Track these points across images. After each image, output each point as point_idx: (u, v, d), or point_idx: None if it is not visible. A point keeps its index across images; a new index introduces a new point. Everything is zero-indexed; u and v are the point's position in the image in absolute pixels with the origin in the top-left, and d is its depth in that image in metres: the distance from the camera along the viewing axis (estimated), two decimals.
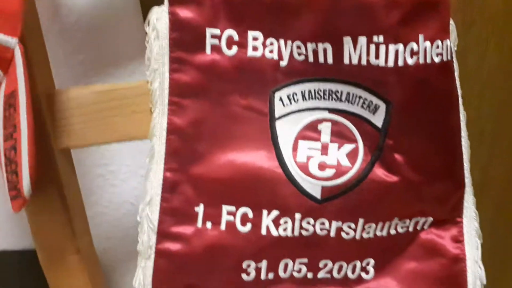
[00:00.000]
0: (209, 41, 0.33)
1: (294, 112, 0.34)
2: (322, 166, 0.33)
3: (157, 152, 0.34)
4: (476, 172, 0.72)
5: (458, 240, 0.35)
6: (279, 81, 0.34)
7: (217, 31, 0.33)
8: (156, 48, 0.34)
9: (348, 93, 0.33)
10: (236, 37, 0.33)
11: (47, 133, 0.35)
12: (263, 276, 0.35)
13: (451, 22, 0.34)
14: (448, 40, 0.32)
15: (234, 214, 0.34)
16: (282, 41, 0.33)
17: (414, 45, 0.31)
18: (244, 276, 0.34)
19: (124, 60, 0.45)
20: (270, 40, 0.33)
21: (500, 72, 0.64)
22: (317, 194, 0.33)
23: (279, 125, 0.34)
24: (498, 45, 0.62)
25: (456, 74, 0.35)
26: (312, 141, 0.34)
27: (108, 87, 0.36)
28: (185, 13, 0.33)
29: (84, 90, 0.36)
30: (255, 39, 0.33)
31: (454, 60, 0.34)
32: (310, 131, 0.34)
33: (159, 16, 0.33)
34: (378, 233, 0.35)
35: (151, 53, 0.34)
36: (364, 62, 0.31)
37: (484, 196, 0.74)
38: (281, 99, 0.34)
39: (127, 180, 0.50)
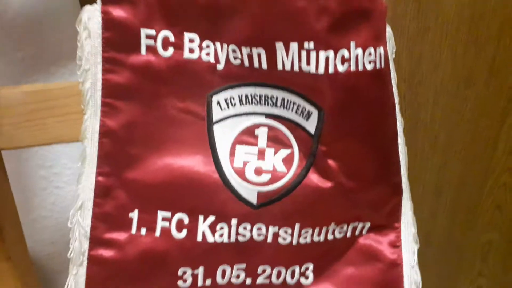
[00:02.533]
0: (144, 42, 0.32)
1: (231, 117, 0.33)
2: (258, 171, 0.33)
3: (88, 155, 0.33)
4: (433, 176, 0.74)
5: (396, 245, 0.36)
6: (216, 85, 0.33)
7: (152, 32, 0.32)
8: (87, 47, 0.33)
9: (283, 99, 0.33)
10: (172, 38, 0.32)
11: None
12: (200, 283, 0.34)
13: (388, 29, 0.34)
14: (381, 48, 0.32)
15: (169, 220, 0.33)
16: (218, 44, 0.32)
17: (345, 52, 0.31)
18: (180, 283, 0.34)
19: (64, 59, 0.44)
20: (206, 42, 0.32)
21: (453, 79, 0.66)
22: (253, 199, 0.33)
23: (217, 129, 0.33)
24: (451, 51, 0.64)
25: (393, 81, 0.35)
26: (249, 146, 0.33)
27: (39, 87, 0.34)
28: (118, 12, 0.32)
29: (14, 90, 0.34)
30: (191, 41, 0.32)
31: (391, 66, 0.35)
32: (247, 135, 0.33)
33: (91, 15, 0.32)
34: (316, 238, 0.34)
35: (82, 53, 0.33)
36: (296, 68, 0.31)
37: (440, 198, 0.76)
38: (218, 103, 0.33)
39: (71, 183, 0.49)
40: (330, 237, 0.35)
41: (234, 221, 0.33)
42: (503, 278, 0.84)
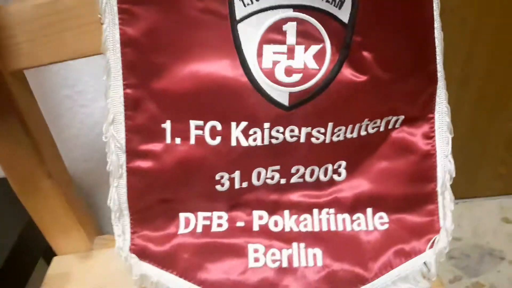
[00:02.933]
0: None
1: (256, 13, 0.31)
2: (288, 71, 0.32)
3: (113, 68, 0.32)
4: (459, 65, 0.71)
5: (429, 136, 0.35)
6: None
7: None
8: None
9: None
10: None
11: None
12: (237, 186, 0.35)
13: None
14: None
15: (202, 128, 0.33)
16: None
17: None
18: (218, 187, 0.35)
19: None
20: None
21: None
22: (284, 101, 0.32)
23: (241, 28, 0.31)
24: None
25: None
26: (277, 45, 0.31)
27: (51, 0, 0.32)
28: None
29: (24, 4, 0.32)
30: None
31: None
32: (275, 33, 0.31)
33: None
34: (349, 135, 0.34)
35: None
36: None
37: (467, 87, 0.74)
38: None
39: (96, 100, 0.49)
40: (363, 133, 0.35)
41: (266, 125, 0.33)
42: None
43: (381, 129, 0.35)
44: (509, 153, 0.83)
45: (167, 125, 0.33)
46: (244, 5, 0.31)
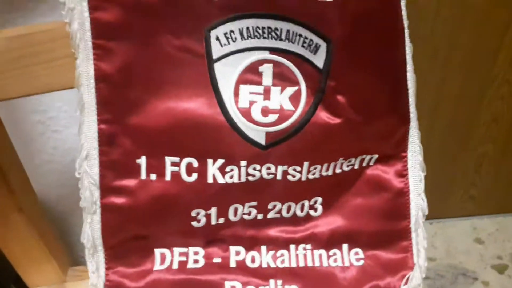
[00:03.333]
0: None
1: (233, 53, 0.31)
2: (265, 112, 0.32)
3: (87, 103, 0.31)
4: (431, 91, 0.73)
5: (403, 174, 0.36)
6: (213, 17, 0.30)
7: None
8: None
9: (288, 31, 0.30)
10: None
11: None
12: (213, 222, 0.35)
13: None
14: None
15: (178, 165, 0.33)
16: None
17: None
18: (194, 223, 0.34)
19: None
20: None
21: None
22: (261, 140, 0.32)
23: (218, 67, 0.31)
24: None
25: (403, 3, 0.32)
26: (253, 85, 0.32)
27: (22, 31, 0.31)
28: None
29: None
30: None
31: None
32: (251, 73, 0.32)
33: None
34: (324, 173, 0.35)
35: None
36: None
37: (438, 113, 0.76)
38: (218, 38, 0.31)
39: (69, 126, 0.48)
40: (338, 170, 0.35)
41: (243, 163, 0.33)
42: (494, 188, 0.88)
43: (356, 166, 0.36)
44: (479, 176, 0.86)
45: (142, 160, 0.33)
46: (221, 45, 0.31)
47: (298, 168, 0.34)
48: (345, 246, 0.37)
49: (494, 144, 0.81)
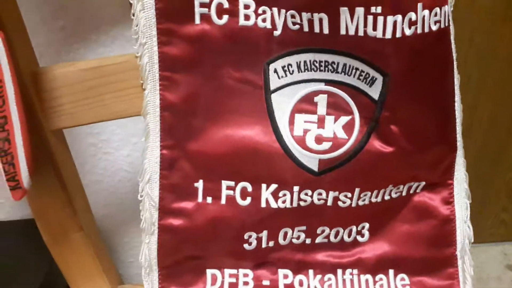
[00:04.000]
0: (198, 10, 0.31)
1: (289, 85, 0.33)
2: (319, 139, 0.33)
3: (152, 130, 0.34)
4: (464, 115, 0.74)
5: (449, 201, 0.37)
6: (273, 52, 0.32)
7: (205, 0, 0.31)
8: (142, 20, 0.32)
9: (345, 65, 0.32)
10: (226, 5, 0.31)
11: (37, 116, 0.34)
12: (264, 245, 0.36)
13: None
14: (446, 6, 0.31)
15: (233, 189, 0.34)
16: (275, 10, 0.31)
17: (412, 15, 0.30)
18: (245, 246, 0.36)
19: (105, 25, 0.43)
20: (262, 8, 0.31)
21: (490, 15, 0.63)
22: (314, 167, 0.34)
23: (275, 98, 0.33)
24: None
25: (452, 37, 0.34)
26: (308, 114, 0.33)
27: (95, 63, 0.34)
28: None
29: (70, 67, 0.34)
30: (246, 7, 0.31)
31: (451, 22, 0.33)
32: (306, 103, 0.33)
33: None
34: (373, 200, 0.36)
35: (138, 26, 0.32)
36: (361, 33, 0.30)
37: (470, 137, 0.76)
38: (276, 71, 0.33)
39: (119, 148, 0.50)
40: (387, 197, 0.36)
41: (296, 188, 0.34)
42: None
43: (403, 194, 0.36)
44: (511, 201, 0.85)
45: (200, 184, 0.34)
46: (279, 77, 0.33)
47: (349, 195, 0.35)
48: (391, 272, 0.38)
49: None
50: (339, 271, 0.38)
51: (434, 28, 0.30)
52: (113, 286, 0.43)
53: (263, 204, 0.34)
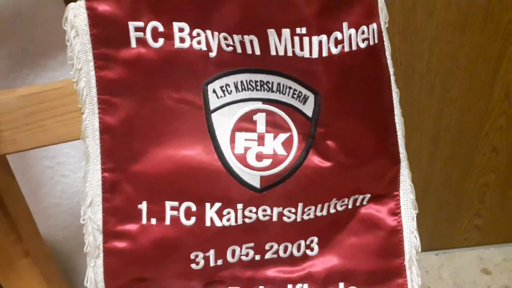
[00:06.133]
0: (133, 34, 0.32)
1: (228, 104, 0.34)
2: (259, 157, 0.34)
3: (92, 153, 0.34)
4: (430, 124, 0.75)
5: (395, 212, 0.37)
6: (210, 73, 0.33)
7: (140, 24, 0.31)
8: (77, 46, 0.32)
9: (279, 84, 0.33)
10: (161, 28, 0.32)
11: None
12: (212, 263, 0.36)
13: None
14: (374, 24, 0.31)
15: (178, 209, 0.34)
16: (209, 32, 0.32)
17: (338, 35, 0.30)
18: (193, 265, 0.36)
19: (53, 50, 0.43)
20: (196, 31, 0.32)
21: (448, 26, 0.65)
22: (256, 184, 0.34)
23: (215, 117, 0.34)
24: None
25: (388, 52, 0.35)
26: (248, 132, 0.34)
27: (34, 90, 0.34)
28: (103, 7, 0.31)
29: (9, 95, 0.34)
30: (181, 30, 0.32)
31: (385, 37, 0.34)
32: (246, 122, 0.34)
33: (77, 13, 0.32)
34: (319, 214, 0.36)
35: (73, 52, 0.32)
36: (290, 53, 0.31)
37: (438, 145, 0.77)
38: (214, 91, 0.33)
39: (76, 170, 0.50)
40: (332, 210, 0.36)
41: (239, 206, 0.34)
42: (500, 218, 0.88)
43: (349, 206, 0.37)
44: (483, 205, 0.86)
45: (143, 205, 0.34)
46: (218, 97, 0.33)
47: (293, 210, 0.35)
48: (341, 285, 0.38)
49: (496, 173, 0.82)
50: (290, 286, 0.38)
51: (362, 45, 0.31)
52: None
53: (208, 223, 0.35)
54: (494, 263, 0.89)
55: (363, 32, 0.31)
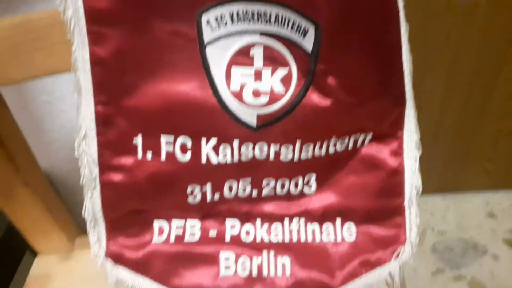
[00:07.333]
0: None
1: (224, 37, 0.32)
2: (256, 93, 0.32)
3: (83, 86, 0.33)
4: (445, 67, 0.71)
5: (398, 153, 0.36)
6: (204, 2, 0.31)
7: None
8: None
9: (277, 15, 0.30)
10: None
11: None
12: (209, 198, 0.36)
13: None
14: None
15: (173, 144, 0.34)
16: None
17: None
18: (190, 199, 0.36)
19: None
20: None
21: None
22: (252, 122, 0.33)
23: (210, 51, 0.32)
24: None
25: None
26: (245, 67, 0.32)
27: (19, 20, 0.32)
28: None
29: None
30: None
31: None
32: (242, 56, 0.32)
33: None
34: (317, 153, 0.35)
35: None
36: None
37: (452, 89, 0.75)
38: (208, 22, 0.31)
39: (74, 105, 0.49)
40: (331, 150, 0.35)
41: (236, 143, 0.34)
42: (510, 163, 0.86)
43: (350, 146, 0.36)
44: (494, 151, 0.84)
45: (138, 139, 0.34)
46: (212, 29, 0.31)
47: (290, 147, 0.34)
48: (338, 220, 0.38)
49: (511, 120, 0.80)
50: (286, 220, 0.38)
51: None
52: (71, 238, 0.44)
53: (204, 160, 0.34)
54: (501, 207, 0.89)
55: None
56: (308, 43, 0.31)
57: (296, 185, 0.37)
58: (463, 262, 0.83)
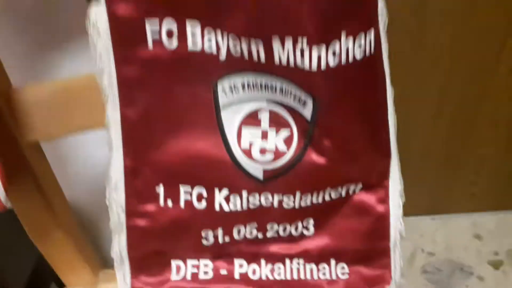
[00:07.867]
0: (150, 35, 0.34)
1: (236, 102, 0.37)
2: (263, 151, 0.38)
3: (114, 142, 0.37)
4: (434, 95, 0.76)
5: (384, 200, 0.41)
6: (220, 72, 0.36)
7: (155, 24, 0.33)
8: (99, 46, 0.35)
9: (281, 87, 0.36)
10: (175, 30, 0.33)
11: (11, 133, 0.37)
12: (220, 241, 0.41)
13: (380, 3, 0.35)
14: (372, 31, 0.34)
15: (190, 193, 0.39)
16: (219, 32, 0.34)
17: (336, 47, 0.33)
18: (204, 242, 0.41)
19: (75, 33, 0.45)
20: (207, 30, 0.33)
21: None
22: (259, 175, 0.38)
23: (224, 114, 0.37)
24: None
25: (385, 51, 0.37)
26: (253, 127, 0.37)
27: (61, 84, 0.37)
28: (123, 8, 0.33)
29: (40, 88, 0.38)
30: (193, 34, 0.34)
31: (383, 39, 0.36)
32: (252, 118, 0.37)
33: (98, 14, 0.33)
34: (315, 201, 0.40)
35: (95, 51, 0.35)
36: (292, 64, 0.34)
37: (440, 116, 0.79)
38: (223, 89, 0.36)
39: (98, 146, 0.54)
40: (327, 198, 0.41)
41: (244, 194, 0.39)
42: (495, 186, 0.91)
43: (343, 194, 0.41)
44: (479, 176, 0.89)
45: (161, 189, 0.39)
46: (226, 96, 0.37)
47: (292, 197, 0.39)
48: (332, 261, 0.43)
49: (495, 146, 0.84)
50: (287, 261, 0.43)
51: (359, 57, 0.34)
52: (95, 272, 0.48)
53: (217, 208, 0.39)
54: (486, 229, 0.92)
55: (360, 45, 0.33)
56: (307, 111, 0.36)
57: (296, 228, 0.42)
58: (451, 283, 0.84)
